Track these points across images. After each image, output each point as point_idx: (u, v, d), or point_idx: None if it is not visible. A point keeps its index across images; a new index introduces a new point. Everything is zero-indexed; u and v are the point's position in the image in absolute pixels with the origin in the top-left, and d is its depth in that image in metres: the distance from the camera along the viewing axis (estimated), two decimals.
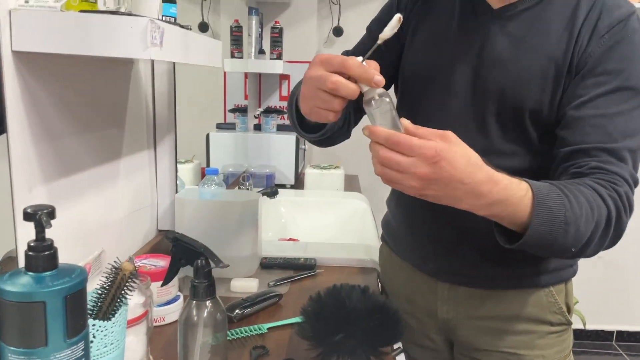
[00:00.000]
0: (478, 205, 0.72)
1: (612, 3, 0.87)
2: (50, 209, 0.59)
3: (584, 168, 0.82)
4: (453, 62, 0.95)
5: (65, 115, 0.87)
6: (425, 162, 0.66)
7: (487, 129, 0.92)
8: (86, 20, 0.71)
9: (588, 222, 0.76)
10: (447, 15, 0.98)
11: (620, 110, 0.83)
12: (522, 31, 0.90)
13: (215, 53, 1.05)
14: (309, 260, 1.33)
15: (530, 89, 0.88)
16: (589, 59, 0.85)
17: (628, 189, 0.81)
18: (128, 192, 1.13)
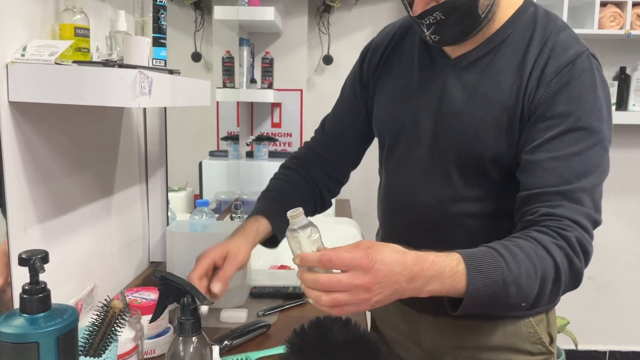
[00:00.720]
0: (418, 287, 0.75)
1: (561, 47, 0.89)
2: (44, 254, 0.63)
3: (535, 215, 0.84)
4: (416, 114, 0.99)
5: (58, 157, 0.91)
6: (363, 271, 0.71)
7: (450, 177, 0.96)
8: (79, 73, 0.76)
9: (530, 278, 0.78)
10: (408, 70, 1.03)
11: (573, 152, 0.85)
12: (476, 81, 0.94)
13: (203, 93, 1.10)
14: (297, 289, 1.36)
15: (486, 139, 0.92)
16: (539, 105, 0.88)
17: (581, 232, 0.82)
18: (120, 226, 1.17)
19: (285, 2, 2.64)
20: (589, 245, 0.83)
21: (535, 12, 0.95)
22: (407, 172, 1.02)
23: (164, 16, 1.06)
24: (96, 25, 0.98)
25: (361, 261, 0.71)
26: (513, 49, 0.93)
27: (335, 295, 0.72)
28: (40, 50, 0.78)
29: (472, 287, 0.76)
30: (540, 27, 0.92)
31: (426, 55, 1.01)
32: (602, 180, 0.88)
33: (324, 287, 0.72)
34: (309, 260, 0.74)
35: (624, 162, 2.88)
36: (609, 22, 2.54)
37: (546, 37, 0.91)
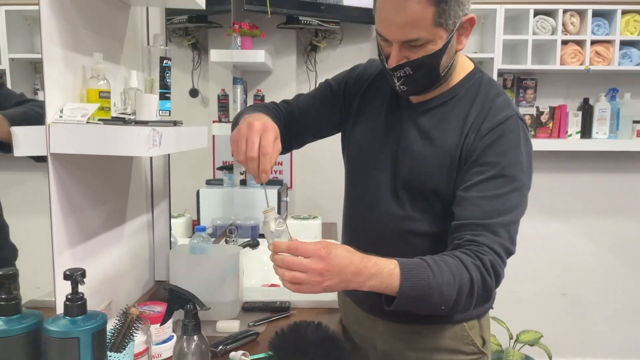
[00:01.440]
0: (361, 281, 0.97)
1: (496, 109, 1.11)
2: (82, 271, 0.84)
3: (461, 240, 1.05)
4: (381, 146, 1.22)
5: (84, 193, 1.12)
6: (319, 259, 0.93)
7: (401, 200, 1.18)
8: (105, 130, 0.97)
9: (450, 287, 0.99)
10: (380, 106, 1.25)
11: (496, 194, 1.06)
12: (429, 126, 1.16)
13: (201, 137, 1.31)
14: (284, 303, 1.56)
15: (430, 175, 1.13)
16: (474, 153, 1.09)
17: (495, 257, 1.03)
18: (131, 250, 1.37)
19: (275, 43, 2.88)
20: (500, 268, 1.05)
21: (482, 78, 1.18)
22: (368, 192, 1.24)
23: (168, 75, 1.28)
24: (113, 83, 1.20)
25: (319, 251, 0.93)
26: (461, 105, 1.15)
27: (295, 274, 0.93)
28: (74, 112, 0.99)
29: (403, 287, 0.98)
30: (483, 91, 1.15)
31: (395, 98, 1.23)
32: (518, 219, 1.09)
33: (288, 265, 0.94)
34: (280, 247, 0.96)
35: (591, 187, 3.10)
36: (570, 58, 2.79)
37: (486, 100, 1.13)
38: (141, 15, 1.39)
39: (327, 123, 1.34)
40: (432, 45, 1.04)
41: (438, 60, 1.07)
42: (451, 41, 1.06)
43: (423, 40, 1.03)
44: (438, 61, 1.07)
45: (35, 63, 1.05)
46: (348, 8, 2.76)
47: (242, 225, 2.48)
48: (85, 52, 1.10)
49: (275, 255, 0.96)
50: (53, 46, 0.98)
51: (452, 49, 1.09)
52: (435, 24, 1.02)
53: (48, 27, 0.96)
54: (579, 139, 2.94)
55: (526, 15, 2.76)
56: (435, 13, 1.00)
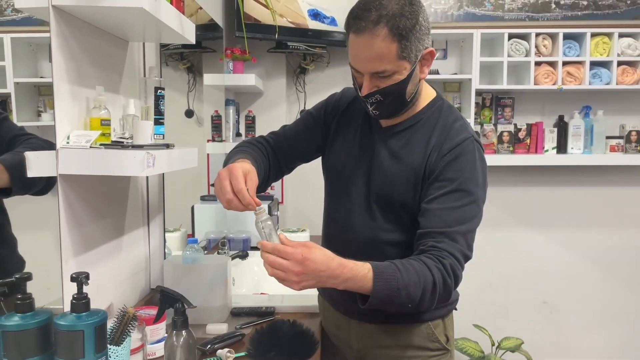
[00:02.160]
0: (337, 283, 1.11)
1: (454, 132, 1.27)
2: (87, 274, 0.99)
3: (425, 246, 1.20)
4: (355, 164, 1.37)
5: (88, 209, 1.27)
6: (297, 263, 1.07)
7: (373, 212, 1.33)
8: (105, 153, 1.13)
9: (416, 286, 1.13)
10: (354, 130, 1.41)
11: (455, 206, 1.21)
12: (397, 147, 1.31)
13: (191, 158, 1.47)
14: (269, 308, 1.70)
15: (398, 190, 1.28)
16: (436, 170, 1.24)
17: (454, 261, 1.17)
18: (128, 260, 1.52)
19: (266, 66, 3.04)
20: (458, 271, 1.19)
21: (442, 105, 1.34)
22: (343, 205, 1.38)
23: (162, 102, 1.44)
24: (113, 110, 1.36)
25: (297, 256, 1.06)
26: (424, 128, 1.31)
27: (276, 271, 1.08)
28: (79, 138, 1.15)
29: (375, 288, 1.12)
30: (443, 116, 1.31)
31: (367, 122, 1.38)
32: (474, 228, 1.24)
33: (270, 264, 1.08)
34: (266, 247, 1.09)
35: (567, 199, 3.23)
36: (543, 78, 2.95)
37: (445, 124, 1.29)
38: (138, 50, 1.55)
39: (312, 147, 1.49)
40: (398, 75, 1.20)
41: (404, 88, 1.22)
42: (414, 71, 1.22)
43: (390, 72, 1.18)
44: (404, 88, 1.22)
45: (39, 86, 1.17)
46: (333, 33, 2.93)
47: (234, 239, 2.63)
48: (88, 85, 1.26)
49: (262, 252, 1.10)
50: (62, 82, 1.14)
51: (415, 78, 1.24)
52: (399, 57, 1.16)
53: (58, 67, 1.13)
54: (555, 154, 3.07)
55: (501, 38, 2.93)
56: (398, 48, 1.16)
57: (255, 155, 1.38)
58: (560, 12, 3.11)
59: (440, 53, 3.16)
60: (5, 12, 1.09)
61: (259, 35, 2.76)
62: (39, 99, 1.20)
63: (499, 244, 3.20)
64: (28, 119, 1.16)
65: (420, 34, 1.18)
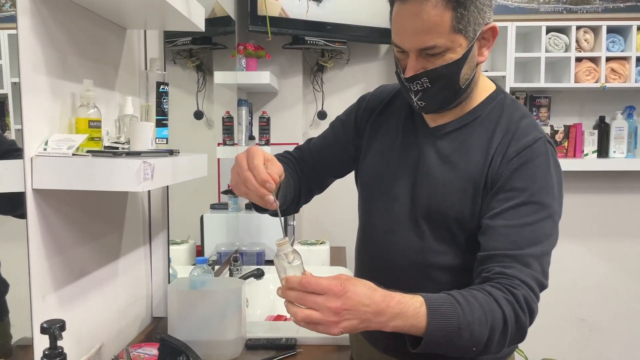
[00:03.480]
0: (384, 322, 0.88)
1: (522, 132, 1.04)
2: (62, 323, 0.75)
3: (490, 273, 0.97)
4: (396, 173, 1.14)
5: (72, 230, 1.04)
6: (335, 296, 0.84)
7: (421, 230, 1.10)
8: (92, 163, 0.90)
9: (482, 325, 0.90)
10: (394, 131, 1.18)
11: (526, 222, 0.98)
12: (449, 150, 1.08)
13: (200, 166, 1.24)
14: (290, 340, 1.46)
15: (452, 202, 1.05)
16: (500, 178, 1.02)
17: (528, 291, 0.94)
18: (126, 286, 1.29)
19: (281, 64, 2.82)
20: (534, 304, 0.95)
21: (504, 99, 1.11)
22: (383, 222, 1.15)
23: (165, 101, 1.21)
24: (106, 110, 1.13)
25: (335, 288, 0.84)
26: (483, 128, 1.07)
27: (309, 312, 0.84)
28: (60, 144, 0.92)
29: (431, 328, 0.89)
30: (506, 113, 1.08)
31: (410, 121, 1.16)
32: (550, 249, 1.01)
33: (301, 302, 0.85)
34: (292, 282, 0.86)
35: (609, 207, 3.00)
36: (584, 76, 2.71)
37: (511, 122, 1.06)
38: (138, 39, 1.32)
39: (344, 159, 1.28)
40: (451, 53, 0.98)
41: (458, 71, 1.00)
42: (471, 51, 1.00)
43: (441, 48, 0.97)
44: (458, 72, 1.00)
45: None
46: (355, 27, 2.70)
47: (247, 252, 2.40)
48: (74, 78, 1.03)
49: (287, 290, 0.87)
50: (36, 74, 0.91)
51: (472, 60, 1.02)
52: (453, 29, 0.96)
53: (31, 54, 0.90)
54: (596, 158, 2.86)
55: (538, 32, 2.69)
56: (453, 18, 0.95)
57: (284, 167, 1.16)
58: (601, 4, 2.86)
59: None
60: (3, 8, 0.97)
61: (274, 30, 2.54)
62: None
63: None
64: None
65: (480, 3, 0.97)
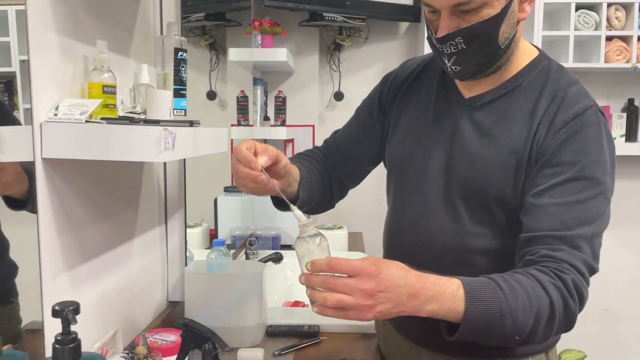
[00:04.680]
0: (418, 305, 0.80)
1: (571, 99, 0.93)
2: (75, 306, 0.67)
3: (535, 256, 0.87)
4: (428, 148, 1.04)
5: (85, 206, 0.96)
6: (369, 277, 0.76)
7: (457, 211, 1.00)
8: (107, 130, 0.81)
9: (526, 312, 0.81)
10: (425, 104, 1.08)
11: (576, 199, 0.89)
12: (488, 122, 0.98)
13: (221, 140, 1.15)
14: (312, 327, 1.38)
15: (493, 178, 0.96)
16: (547, 151, 0.92)
17: (578, 276, 0.85)
18: (141, 268, 1.21)
19: (297, 42, 2.72)
20: (584, 289, 0.87)
21: (549, 65, 1.00)
22: (415, 203, 1.06)
23: (184, 69, 1.12)
24: (120, 78, 1.04)
25: (368, 268, 0.76)
26: (525, 96, 0.97)
27: (340, 297, 0.76)
28: (72, 110, 0.83)
29: (469, 313, 0.81)
30: (552, 79, 0.97)
31: (443, 93, 1.06)
32: (602, 230, 0.91)
33: (330, 286, 0.76)
34: (319, 264, 0.78)
35: (636, 194, 2.89)
36: (615, 55, 2.58)
37: (557, 89, 0.95)
38: (154, 2, 1.23)
39: (373, 145, 1.19)
40: (489, 8, 0.88)
41: (496, 29, 0.90)
42: (511, 5, 0.90)
43: (477, 3, 0.87)
44: (496, 30, 0.90)
45: None
46: (375, 3, 2.59)
47: (263, 236, 2.32)
48: (86, 40, 0.94)
49: (311, 276, 0.79)
50: (45, 30, 0.82)
51: (512, 17, 0.91)
52: None
53: (39, 7, 0.81)
54: (624, 142, 2.74)
55: (567, 9, 2.56)
56: None
57: (305, 162, 1.12)
58: None
59: None
60: None
61: (291, 5, 2.43)
62: None
63: None
64: None
65: None
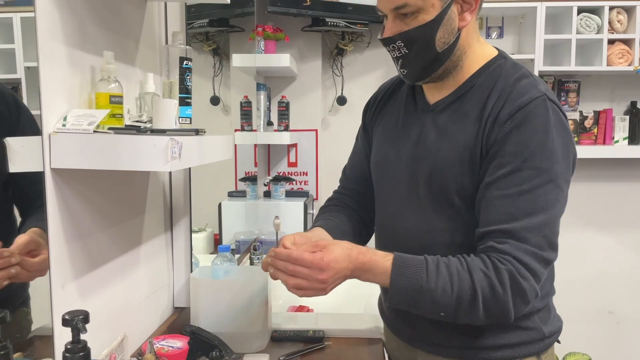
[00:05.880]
0: (358, 275, 0.96)
1: (517, 93, 0.97)
2: (85, 315, 0.68)
3: (483, 246, 0.94)
4: (398, 153, 1.10)
5: (93, 215, 0.97)
6: (320, 269, 0.91)
7: (424, 209, 1.05)
8: (115, 140, 0.82)
9: (445, 293, 0.91)
10: (396, 114, 1.15)
11: (521, 190, 0.92)
12: (447, 123, 1.04)
13: (227, 147, 1.16)
14: (317, 333, 1.39)
15: (452, 174, 1.01)
16: (494, 144, 0.96)
17: (518, 266, 0.90)
18: (147, 275, 1.22)
19: (300, 47, 2.73)
20: (523, 281, 0.90)
21: (504, 64, 1.04)
22: (391, 205, 1.14)
23: (189, 77, 1.13)
24: (127, 87, 1.05)
25: (318, 263, 0.91)
26: (478, 96, 1.02)
27: (299, 281, 0.93)
28: (80, 120, 0.84)
29: (393, 285, 0.94)
30: (503, 77, 1.02)
31: (412, 102, 1.13)
32: (555, 218, 0.94)
33: (290, 273, 0.93)
34: (280, 254, 0.94)
35: (639, 195, 2.88)
36: (617, 59, 2.59)
37: (506, 85, 1.00)
38: (159, 12, 1.24)
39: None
40: (424, 14, 0.96)
41: (432, 34, 0.97)
42: (447, 13, 0.96)
43: (412, 7, 0.95)
44: (432, 35, 0.97)
45: None
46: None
47: (267, 241, 2.33)
48: (94, 50, 0.95)
49: (276, 260, 0.95)
50: (54, 42, 0.83)
51: (450, 23, 0.98)
52: None
53: (48, 20, 0.82)
54: (627, 145, 2.75)
55: (569, 13, 2.57)
56: None
57: (328, 220, 1.22)
58: None
59: (496, 31, 2.80)
60: None
61: (293, 11, 2.45)
62: None
63: (560, 247, 2.83)
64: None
65: None
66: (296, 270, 0.92)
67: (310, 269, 0.91)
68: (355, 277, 0.97)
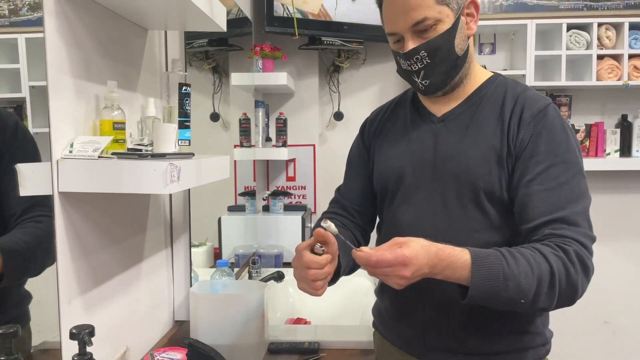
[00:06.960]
0: (437, 272, 0.94)
1: (531, 99, 1.08)
2: (91, 329, 0.74)
3: (539, 236, 0.99)
4: (413, 162, 1.15)
5: (97, 234, 1.03)
6: (403, 267, 0.91)
7: (450, 212, 1.10)
8: (118, 165, 0.88)
9: (528, 277, 0.92)
10: (402, 129, 1.21)
11: (561, 182, 1.01)
12: (464, 128, 1.11)
13: (222, 168, 1.22)
14: (312, 344, 1.44)
15: (479, 172, 1.07)
16: (524, 144, 1.04)
17: (580, 247, 0.96)
18: (148, 290, 1.28)
19: (297, 65, 2.80)
20: (587, 259, 0.97)
21: (505, 80, 1.16)
22: (410, 215, 1.16)
23: (188, 102, 1.19)
24: (129, 111, 1.12)
25: (402, 259, 0.91)
26: (491, 104, 1.11)
27: (383, 279, 0.95)
28: (85, 147, 0.90)
29: (475, 278, 0.93)
30: (510, 88, 1.12)
31: (416, 117, 1.19)
32: (589, 203, 1.03)
33: (373, 273, 0.94)
34: (360, 258, 0.94)
35: (632, 207, 2.93)
36: (606, 73, 2.65)
37: (517, 94, 1.10)
38: (159, 40, 1.31)
39: (372, 183, 1.30)
40: (442, 24, 1.05)
41: (452, 40, 1.07)
42: (459, 21, 1.07)
43: (431, 20, 1.04)
44: (452, 40, 1.06)
45: None
46: (372, 27, 2.67)
47: (266, 254, 2.38)
48: (98, 80, 1.02)
49: (361, 257, 0.94)
50: (62, 75, 0.90)
51: (462, 31, 1.09)
52: (438, 2, 1.04)
53: (56, 55, 0.88)
54: (618, 157, 2.80)
55: (559, 29, 2.64)
56: None
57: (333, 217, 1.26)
58: (622, 1, 2.80)
59: (488, 47, 2.87)
60: (20, 12, 0.95)
61: (290, 30, 2.52)
62: None
63: None
64: (44, 125, 1.01)
65: None
66: (376, 273, 0.93)
67: (392, 268, 0.91)
68: (433, 275, 0.95)
